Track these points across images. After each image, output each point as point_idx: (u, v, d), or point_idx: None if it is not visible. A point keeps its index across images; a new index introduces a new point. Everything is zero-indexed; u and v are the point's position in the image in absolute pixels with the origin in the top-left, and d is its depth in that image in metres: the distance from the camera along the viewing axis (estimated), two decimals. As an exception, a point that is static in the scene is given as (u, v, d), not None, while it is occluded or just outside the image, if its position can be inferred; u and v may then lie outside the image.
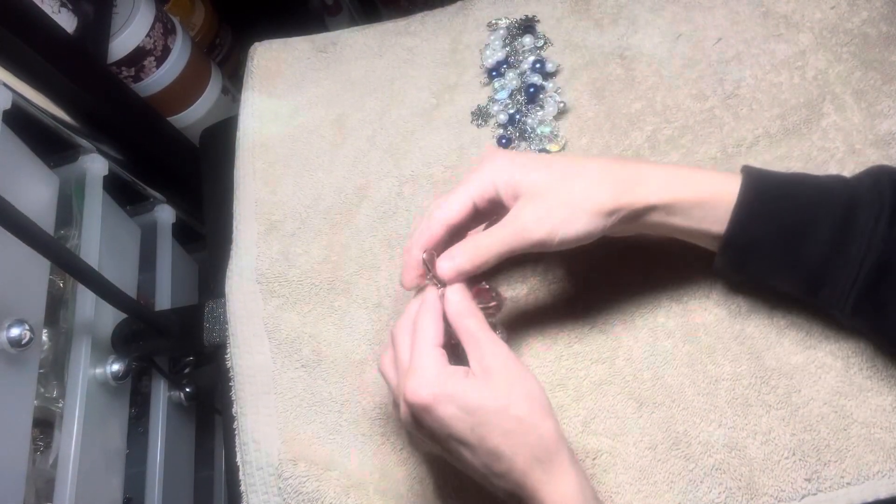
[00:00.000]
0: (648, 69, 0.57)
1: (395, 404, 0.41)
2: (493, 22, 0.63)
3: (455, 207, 0.43)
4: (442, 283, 0.42)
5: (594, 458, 0.45)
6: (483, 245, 0.41)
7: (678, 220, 0.41)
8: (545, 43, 0.61)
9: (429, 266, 0.42)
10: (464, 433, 0.37)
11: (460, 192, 0.43)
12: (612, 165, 0.42)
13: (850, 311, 0.40)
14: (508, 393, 0.37)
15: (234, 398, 0.53)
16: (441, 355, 0.39)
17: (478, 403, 0.37)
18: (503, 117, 0.58)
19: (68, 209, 0.77)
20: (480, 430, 0.37)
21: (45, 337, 0.69)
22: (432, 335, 0.40)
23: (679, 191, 0.41)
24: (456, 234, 0.44)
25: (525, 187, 0.41)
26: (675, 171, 0.41)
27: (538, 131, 0.57)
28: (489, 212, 0.44)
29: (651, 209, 0.41)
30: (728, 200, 0.40)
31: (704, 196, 0.40)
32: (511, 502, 0.39)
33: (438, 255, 0.42)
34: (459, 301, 0.41)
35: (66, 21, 0.80)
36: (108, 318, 0.73)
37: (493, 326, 0.42)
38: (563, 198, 0.40)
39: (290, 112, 0.65)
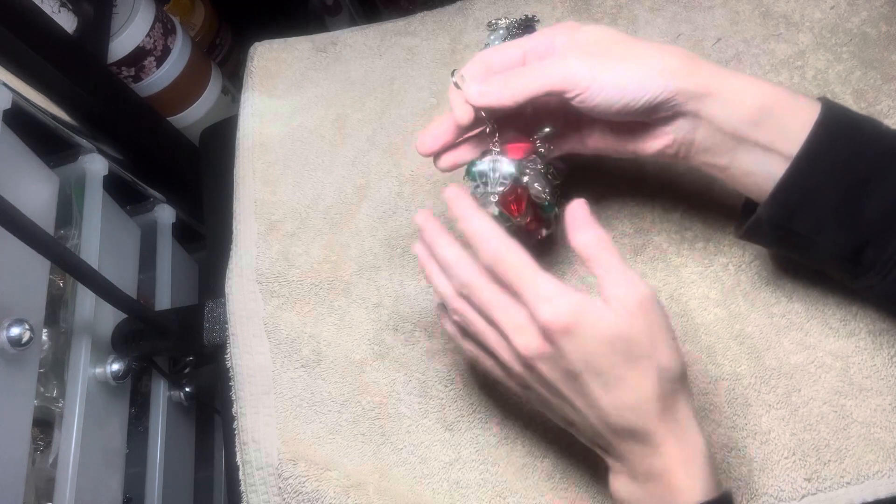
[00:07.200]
0: (648, 69, 0.57)
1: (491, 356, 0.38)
2: (493, 22, 0.63)
3: (500, 51, 0.41)
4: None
5: (595, 458, 0.45)
6: (516, 76, 0.39)
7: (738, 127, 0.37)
8: (545, 43, 0.61)
9: (457, 86, 0.40)
10: (601, 360, 0.34)
11: (511, 42, 0.41)
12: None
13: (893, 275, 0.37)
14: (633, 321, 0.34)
15: (234, 398, 0.53)
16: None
17: (614, 331, 0.34)
18: (503, 117, 0.58)
19: (68, 209, 0.77)
20: (611, 358, 0.34)
21: (45, 337, 0.69)
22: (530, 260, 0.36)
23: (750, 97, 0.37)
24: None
25: (584, 38, 0.39)
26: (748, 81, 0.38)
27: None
28: None
29: (710, 98, 0.37)
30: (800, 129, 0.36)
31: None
32: (624, 443, 0.37)
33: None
34: (592, 237, 0.36)
35: (66, 21, 0.80)
36: (108, 317, 0.73)
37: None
38: (625, 53, 0.37)
39: (290, 112, 0.65)
